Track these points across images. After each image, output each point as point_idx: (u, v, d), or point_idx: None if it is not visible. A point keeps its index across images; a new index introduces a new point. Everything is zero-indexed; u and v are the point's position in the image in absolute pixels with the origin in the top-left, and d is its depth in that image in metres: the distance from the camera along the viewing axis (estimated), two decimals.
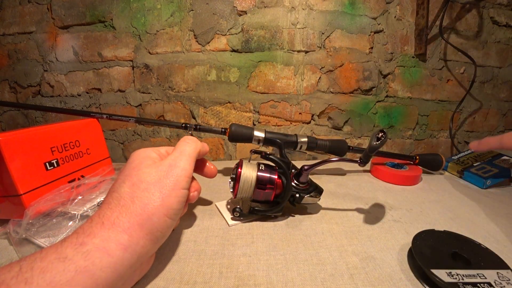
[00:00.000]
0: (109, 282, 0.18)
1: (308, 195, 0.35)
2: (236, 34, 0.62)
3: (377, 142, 0.29)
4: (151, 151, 0.27)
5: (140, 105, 0.65)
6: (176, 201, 0.23)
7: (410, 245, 0.28)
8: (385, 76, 0.66)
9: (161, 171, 0.24)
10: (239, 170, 0.33)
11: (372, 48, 0.65)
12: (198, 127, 0.46)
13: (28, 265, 0.16)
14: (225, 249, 0.28)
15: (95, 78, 0.64)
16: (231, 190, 0.34)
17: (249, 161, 0.35)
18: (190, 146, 0.28)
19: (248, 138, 0.45)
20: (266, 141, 0.45)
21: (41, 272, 0.16)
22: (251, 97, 0.65)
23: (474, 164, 0.54)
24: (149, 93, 0.64)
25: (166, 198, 0.23)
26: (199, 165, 0.34)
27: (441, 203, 0.41)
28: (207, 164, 0.34)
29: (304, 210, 0.38)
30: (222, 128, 0.46)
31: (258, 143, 0.45)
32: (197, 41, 0.62)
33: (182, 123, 0.46)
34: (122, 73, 0.64)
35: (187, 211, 0.36)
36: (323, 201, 0.40)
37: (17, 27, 0.62)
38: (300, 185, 0.35)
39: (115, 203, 0.21)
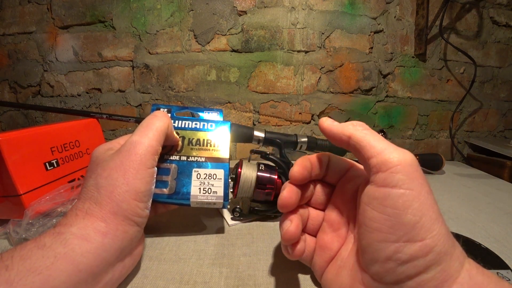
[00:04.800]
0: (92, 267, 0.18)
1: None
2: (236, 34, 0.62)
3: None
4: (110, 143, 0.25)
5: (140, 105, 0.65)
6: (142, 182, 0.22)
7: None
8: (385, 76, 0.66)
9: (122, 154, 0.22)
10: (239, 170, 0.33)
11: (372, 48, 0.65)
12: None
13: (8, 254, 0.17)
14: (225, 249, 0.28)
15: (95, 78, 0.64)
16: (231, 190, 0.33)
17: (249, 161, 0.35)
18: (159, 120, 0.25)
19: (248, 138, 0.45)
20: (266, 141, 0.45)
21: (21, 259, 0.16)
22: (251, 97, 0.65)
23: None
24: (149, 93, 0.64)
25: (132, 182, 0.21)
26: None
27: (441, 203, 0.41)
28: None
29: None
30: None
31: (258, 143, 0.45)
32: (197, 41, 0.62)
33: None
34: (122, 73, 0.64)
35: (187, 212, 0.36)
36: None
37: (17, 27, 0.62)
38: None
39: (84, 197, 0.21)
